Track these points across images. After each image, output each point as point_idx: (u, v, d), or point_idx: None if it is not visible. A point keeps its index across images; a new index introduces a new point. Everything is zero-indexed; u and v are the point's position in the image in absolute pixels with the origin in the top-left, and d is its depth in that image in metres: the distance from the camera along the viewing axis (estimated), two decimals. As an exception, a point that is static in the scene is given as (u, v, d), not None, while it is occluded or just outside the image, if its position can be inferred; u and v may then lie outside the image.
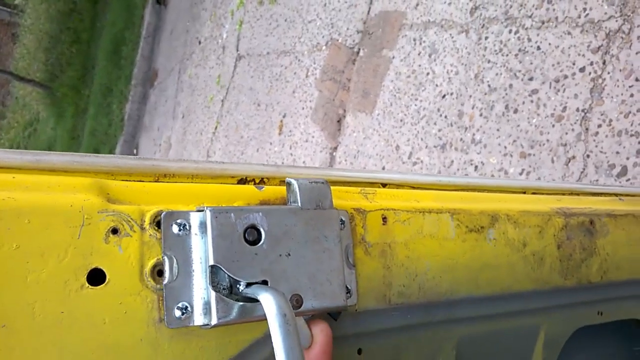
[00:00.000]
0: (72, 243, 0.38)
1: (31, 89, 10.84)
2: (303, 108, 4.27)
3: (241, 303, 0.41)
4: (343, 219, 0.50)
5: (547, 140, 2.63)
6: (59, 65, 10.29)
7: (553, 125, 2.62)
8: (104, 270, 0.39)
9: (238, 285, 0.41)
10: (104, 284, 0.39)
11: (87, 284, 0.38)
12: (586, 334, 0.75)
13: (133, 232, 0.41)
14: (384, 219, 0.54)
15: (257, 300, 0.41)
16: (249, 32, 5.26)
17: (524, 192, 0.75)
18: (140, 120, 7.23)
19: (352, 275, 0.50)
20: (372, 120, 3.63)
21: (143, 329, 0.40)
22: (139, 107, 7.27)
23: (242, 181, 0.54)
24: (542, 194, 0.75)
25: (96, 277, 0.39)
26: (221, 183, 0.52)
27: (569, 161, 2.53)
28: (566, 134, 2.55)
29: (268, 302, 0.38)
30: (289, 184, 0.49)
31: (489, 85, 2.94)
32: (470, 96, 3.02)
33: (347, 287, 0.48)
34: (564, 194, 0.77)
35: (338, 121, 3.94)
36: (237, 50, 5.35)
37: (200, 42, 6.08)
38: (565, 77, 2.63)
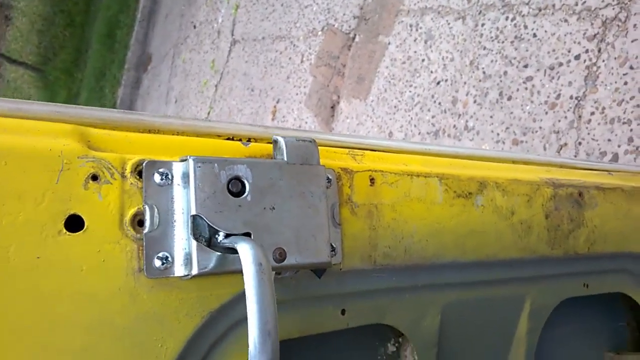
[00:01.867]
0: (50, 187, 0.37)
1: (23, 72, 10.73)
2: (297, 94, 4.25)
3: (222, 254, 0.41)
4: (330, 177, 0.50)
5: (540, 128, 2.63)
6: (52, 48, 10.19)
7: (546, 113, 2.62)
8: (82, 216, 0.38)
9: (217, 236, 0.41)
10: (82, 231, 0.38)
11: (64, 230, 0.38)
12: (571, 306, 0.75)
13: (113, 179, 0.40)
14: (372, 180, 0.54)
15: (236, 252, 0.40)
16: (244, 17, 5.21)
17: (514, 163, 0.74)
18: (133, 104, 7.17)
19: (338, 234, 0.50)
20: (366, 106, 3.61)
21: (121, 278, 0.39)
22: (132, 92, 7.21)
23: (230, 139, 0.53)
24: (532, 165, 0.75)
25: (74, 223, 0.38)
26: (205, 137, 0.51)
27: (561, 148, 2.53)
28: (559, 121, 2.55)
29: (244, 250, 0.37)
30: (275, 142, 0.48)
31: (483, 72, 2.93)
32: (465, 83, 3.01)
33: (332, 245, 0.48)
34: (553, 166, 0.77)
35: (332, 107, 3.93)
36: (232, 35, 5.31)
37: (195, 27, 6.03)
38: (560, 64, 2.62)
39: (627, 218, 0.78)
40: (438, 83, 3.21)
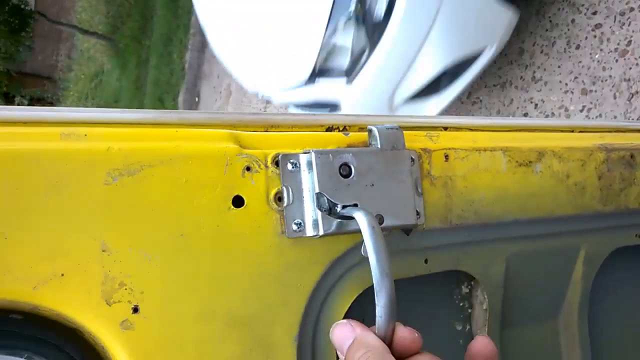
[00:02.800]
0: (220, 178, 0.54)
1: (95, 42, 11.25)
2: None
3: (339, 220, 0.56)
4: (413, 157, 0.63)
5: (610, 77, 2.60)
6: (119, 16, 10.58)
7: (616, 61, 2.58)
8: (243, 197, 0.55)
9: (336, 207, 0.56)
10: (243, 207, 0.55)
11: (232, 207, 0.54)
12: (625, 255, 0.86)
13: (260, 169, 0.56)
14: (446, 156, 0.67)
15: (350, 218, 0.55)
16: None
17: (572, 131, 0.85)
18: (200, 68, 7.44)
19: (421, 201, 0.64)
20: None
21: (271, 238, 0.55)
22: (199, 56, 7.46)
23: (330, 129, 0.68)
24: (588, 131, 0.85)
25: (238, 201, 0.54)
26: (314, 131, 0.66)
27: (632, 97, 2.51)
28: (630, 69, 2.51)
29: (361, 218, 0.52)
30: (370, 131, 0.62)
31: (550, 21, 2.89)
32: (532, 33, 2.98)
33: (417, 211, 0.62)
34: (609, 132, 0.87)
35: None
36: (293, -5, 5.35)
37: (255, -12, 6.10)
38: (632, 9, 2.55)
39: (679, 175, 0.87)
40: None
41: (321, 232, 0.56)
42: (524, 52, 3.01)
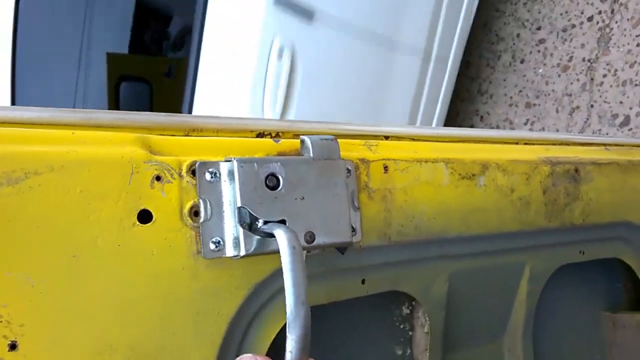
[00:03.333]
0: (124, 188, 0.46)
1: None
2: None
3: (262, 237, 0.49)
4: (349, 168, 0.58)
5: (553, 91, 2.66)
6: None
7: (559, 75, 2.64)
8: (150, 211, 0.47)
9: (257, 223, 0.49)
10: (151, 222, 0.47)
11: (137, 222, 0.46)
12: (569, 271, 0.83)
13: (173, 179, 0.48)
14: (385, 167, 0.61)
15: (272, 236, 0.49)
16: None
17: (517, 143, 0.82)
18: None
19: (357, 216, 0.58)
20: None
21: (184, 259, 0.48)
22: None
23: (260, 135, 0.61)
24: (533, 144, 0.82)
25: (145, 216, 0.47)
26: (242, 137, 0.59)
27: (573, 111, 2.57)
28: (571, 84, 2.58)
29: (281, 235, 0.46)
30: (303, 141, 0.56)
31: (496, 35, 2.94)
32: (478, 46, 3.02)
33: (352, 226, 0.56)
34: (554, 144, 0.84)
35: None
36: None
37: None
38: (573, 26, 2.63)
39: (622, 190, 0.85)
40: (451, 47, 3.22)
41: (243, 252, 0.49)
42: (470, 65, 3.05)
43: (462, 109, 3.06)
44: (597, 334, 0.92)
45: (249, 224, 0.49)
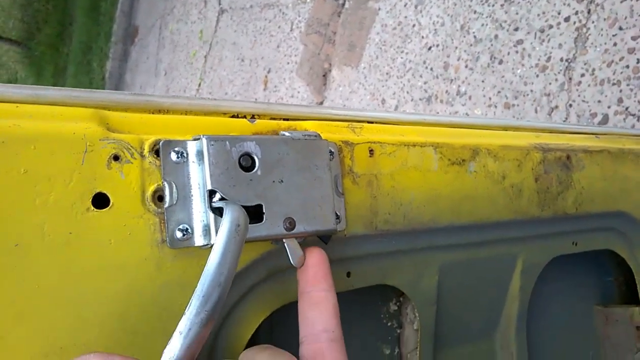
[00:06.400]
0: (76, 168, 0.40)
1: (7, 48, 10.53)
2: (288, 63, 4.23)
3: (215, 216, 0.44)
4: (332, 150, 0.53)
5: (531, 91, 2.65)
6: (35, 22, 9.98)
7: (537, 76, 2.64)
8: (107, 194, 0.41)
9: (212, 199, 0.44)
10: (108, 207, 0.41)
11: (92, 207, 0.41)
12: (562, 263, 0.79)
13: (133, 159, 0.43)
14: (371, 151, 0.57)
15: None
16: (231, -15, 5.13)
17: (505, 130, 0.78)
18: (122, 78, 7.10)
19: (341, 203, 0.53)
20: (358, 73, 3.61)
21: (147, 249, 0.42)
22: (120, 65, 7.13)
23: (235, 117, 0.56)
24: (523, 131, 0.78)
25: (101, 200, 0.41)
26: (215, 117, 0.54)
27: (552, 111, 2.57)
28: (550, 84, 2.58)
29: (230, 210, 0.41)
30: (282, 137, 0.51)
31: (474, 37, 2.93)
32: (456, 48, 3.02)
33: (336, 213, 0.51)
34: (543, 132, 0.80)
35: (324, 75, 3.92)
36: (220, 4, 5.23)
37: (181, -4, 5.92)
38: (550, 27, 2.63)
39: (614, 179, 0.82)
40: (429, 48, 3.21)
41: (213, 241, 0.43)
42: (448, 66, 3.04)
43: (441, 110, 3.04)
44: (590, 329, 0.88)
45: (220, 209, 0.44)
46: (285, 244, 0.47)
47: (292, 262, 0.47)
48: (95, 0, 7.72)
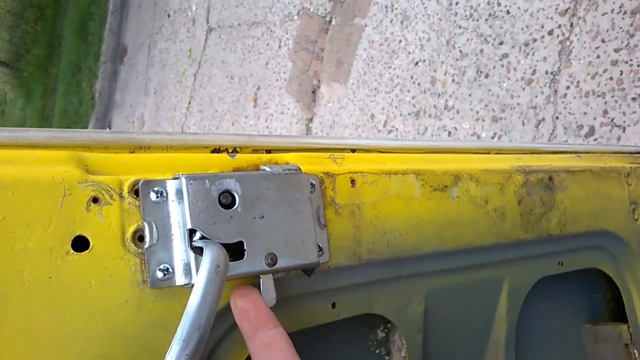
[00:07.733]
0: (55, 213, 0.40)
1: (-4, 70, 10.51)
2: (277, 80, 4.25)
3: (196, 255, 0.44)
4: (313, 182, 0.53)
5: (518, 104, 2.68)
6: (23, 44, 9.98)
7: (523, 89, 2.67)
8: (87, 237, 0.41)
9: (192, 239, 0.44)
10: (88, 250, 0.41)
11: (72, 251, 0.41)
12: (549, 283, 0.80)
13: (113, 200, 0.43)
14: (352, 181, 0.57)
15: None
16: (218, 3, 5.17)
17: (488, 153, 0.78)
18: (112, 97, 7.11)
19: (324, 235, 0.53)
20: (347, 89, 3.64)
21: (128, 290, 0.42)
22: (110, 84, 7.13)
23: (216, 151, 0.56)
24: (505, 153, 0.79)
25: (80, 243, 0.41)
26: (195, 153, 0.54)
27: (539, 123, 2.59)
28: (536, 96, 2.61)
29: (209, 250, 0.41)
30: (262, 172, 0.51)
31: (460, 51, 2.97)
32: (443, 62, 3.05)
33: (319, 246, 0.52)
34: (525, 153, 0.81)
35: (313, 92, 3.94)
36: (208, 23, 5.26)
37: (169, 15, 5.96)
38: (535, 40, 2.67)
39: (597, 198, 0.83)
40: (416, 64, 3.24)
41: (194, 280, 0.44)
42: (436, 81, 3.06)
43: (429, 124, 3.06)
44: (580, 348, 0.89)
45: (200, 249, 0.44)
46: (261, 281, 0.47)
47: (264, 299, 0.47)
48: (83, 20, 7.75)
